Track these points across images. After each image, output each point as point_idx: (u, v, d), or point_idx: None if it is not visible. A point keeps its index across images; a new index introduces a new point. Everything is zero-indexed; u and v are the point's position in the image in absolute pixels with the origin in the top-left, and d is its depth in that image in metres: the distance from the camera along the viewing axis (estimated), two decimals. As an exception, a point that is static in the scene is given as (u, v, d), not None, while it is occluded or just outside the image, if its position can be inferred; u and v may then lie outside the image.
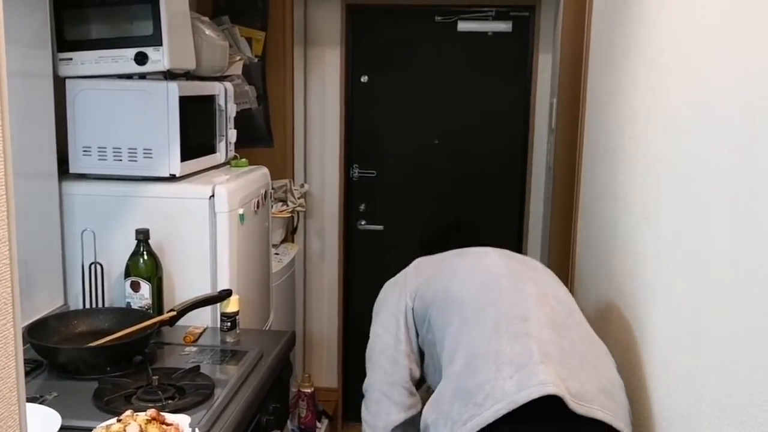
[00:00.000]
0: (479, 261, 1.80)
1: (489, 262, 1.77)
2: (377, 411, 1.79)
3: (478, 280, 1.70)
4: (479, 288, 1.67)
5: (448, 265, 1.83)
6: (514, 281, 1.67)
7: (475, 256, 1.83)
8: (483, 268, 1.75)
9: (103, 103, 2.12)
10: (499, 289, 1.64)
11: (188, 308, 1.97)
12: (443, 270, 1.82)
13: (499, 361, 1.45)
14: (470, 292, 1.67)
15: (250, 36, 3.30)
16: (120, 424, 1.38)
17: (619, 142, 1.95)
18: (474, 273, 1.74)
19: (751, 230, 1.06)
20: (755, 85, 1.08)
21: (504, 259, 1.79)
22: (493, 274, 1.71)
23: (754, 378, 1.03)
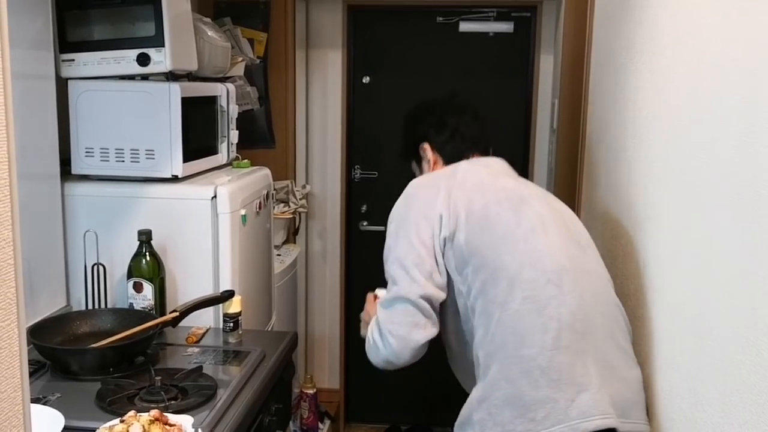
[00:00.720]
0: (536, 238, 1.61)
1: (548, 246, 1.60)
2: (410, 323, 1.60)
3: (537, 272, 1.56)
4: (539, 281, 1.55)
5: (500, 222, 1.62)
6: (575, 280, 1.57)
7: (532, 229, 1.62)
8: (543, 251, 1.59)
9: (105, 104, 2.12)
10: (560, 288, 1.54)
11: (191, 309, 1.97)
12: (493, 226, 1.62)
13: (561, 381, 1.47)
14: (527, 283, 1.55)
15: (252, 37, 3.30)
16: (123, 424, 1.38)
17: (621, 142, 1.95)
18: (532, 255, 1.58)
19: (754, 230, 1.06)
20: (757, 85, 1.08)
21: (560, 238, 1.63)
22: (555, 266, 1.56)
23: (756, 377, 1.03)
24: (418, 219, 1.67)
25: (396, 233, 1.70)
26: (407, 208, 1.73)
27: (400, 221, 1.71)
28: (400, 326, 1.60)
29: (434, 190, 1.71)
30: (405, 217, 1.71)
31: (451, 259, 1.63)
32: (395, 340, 1.61)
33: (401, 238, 1.67)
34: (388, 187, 3.81)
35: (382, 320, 1.64)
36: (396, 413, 3.90)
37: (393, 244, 1.69)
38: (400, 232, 1.68)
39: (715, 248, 1.22)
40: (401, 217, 1.72)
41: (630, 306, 1.77)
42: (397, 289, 1.63)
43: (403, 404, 3.93)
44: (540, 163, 3.65)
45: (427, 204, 1.68)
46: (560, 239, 1.62)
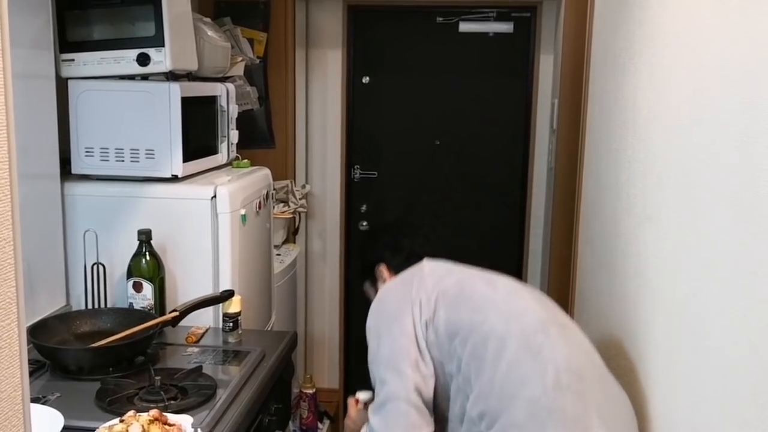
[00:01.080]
0: (515, 300, 1.69)
1: (527, 305, 1.67)
2: (405, 425, 1.59)
3: (524, 324, 1.60)
4: (527, 331, 1.59)
5: (477, 291, 1.70)
6: (559, 330, 1.62)
7: (508, 292, 1.72)
8: (524, 308, 1.65)
9: (105, 104, 2.12)
10: (549, 335, 1.58)
11: (190, 309, 1.97)
12: (472, 296, 1.69)
13: (567, 421, 1.47)
14: (517, 334, 1.58)
15: (252, 37, 3.30)
16: (123, 424, 1.38)
17: (620, 142, 1.95)
18: (515, 312, 1.64)
19: (753, 230, 1.06)
20: (757, 85, 1.08)
21: (535, 301, 1.71)
22: (538, 319, 1.62)
23: (756, 378, 1.03)
24: (396, 312, 1.69)
25: (377, 336, 1.71)
26: (383, 308, 1.75)
27: (379, 324, 1.73)
28: (396, 429, 1.58)
29: (407, 282, 1.75)
30: (383, 317, 1.73)
31: (435, 342, 1.64)
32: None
33: (383, 337, 1.68)
34: (387, 187, 3.81)
35: (377, 427, 1.61)
36: (395, 413, 3.89)
37: (376, 347, 1.70)
38: (381, 333, 1.70)
39: (715, 248, 1.22)
40: (379, 319, 1.74)
41: (630, 306, 1.77)
42: (387, 389, 1.62)
43: (402, 404, 3.93)
44: (540, 163, 3.65)
45: (403, 296, 1.72)
46: (535, 302, 1.69)
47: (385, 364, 1.65)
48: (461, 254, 3.79)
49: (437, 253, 1.97)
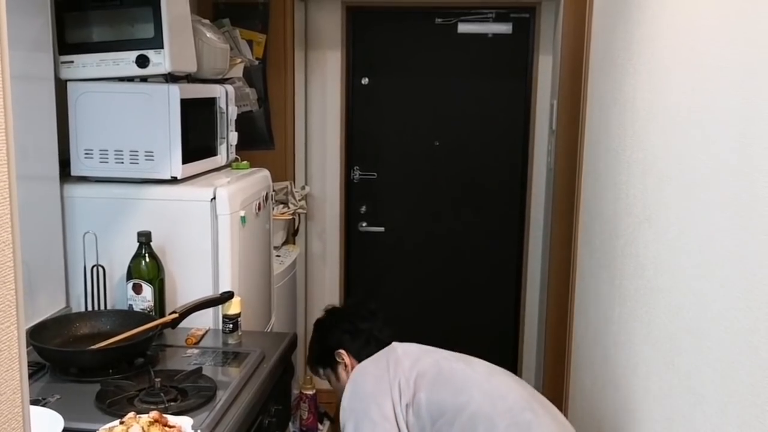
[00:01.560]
0: (495, 378, 1.72)
1: (508, 384, 1.70)
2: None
3: (510, 403, 1.63)
4: (514, 409, 1.61)
5: (456, 371, 1.71)
6: (544, 408, 1.66)
7: (487, 371, 1.74)
8: (506, 387, 1.68)
9: (104, 106, 2.12)
10: (536, 413, 1.61)
11: (190, 310, 1.97)
12: (452, 377, 1.70)
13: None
14: (505, 412, 1.60)
15: (251, 38, 3.31)
16: (123, 426, 1.38)
17: (620, 143, 1.95)
18: (498, 391, 1.66)
19: (752, 230, 1.07)
20: (756, 86, 1.08)
21: (514, 381, 1.74)
22: (522, 397, 1.66)
23: (755, 378, 1.04)
24: (376, 396, 1.68)
25: (355, 419, 1.69)
26: (360, 390, 1.74)
27: (357, 406, 1.71)
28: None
29: (382, 364, 1.75)
30: (360, 400, 1.72)
31: (415, 425, 1.66)
32: None
33: (363, 421, 1.67)
34: (387, 188, 3.82)
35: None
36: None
37: (353, 430, 1.68)
38: (360, 417, 1.68)
39: (714, 249, 1.22)
40: (356, 402, 1.73)
41: (629, 306, 1.77)
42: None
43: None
44: (539, 164, 3.65)
45: (381, 378, 1.71)
46: (513, 381, 1.72)
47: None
48: (460, 255, 3.80)
49: (398, 335, 1.99)
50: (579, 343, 2.51)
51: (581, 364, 2.43)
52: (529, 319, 3.77)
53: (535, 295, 3.73)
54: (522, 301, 3.79)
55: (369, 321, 2.04)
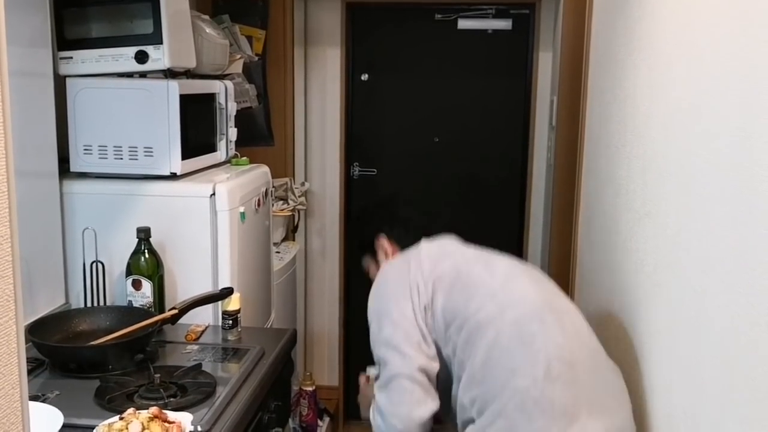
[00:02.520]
0: (512, 285, 1.68)
1: (524, 291, 1.66)
2: (409, 401, 1.61)
3: (519, 313, 1.60)
4: (521, 321, 1.58)
5: (473, 277, 1.70)
6: (556, 317, 1.62)
7: (506, 277, 1.70)
8: (521, 295, 1.64)
9: (103, 102, 2.11)
10: (544, 324, 1.58)
11: (189, 306, 1.97)
12: (468, 283, 1.68)
13: (554, 412, 1.49)
14: (511, 322, 1.58)
15: (251, 34, 3.30)
16: (122, 422, 1.38)
17: (620, 138, 1.95)
18: (511, 300, 1.63)
19: (752, 225, 1.06)
20: (756, 81, 1.08)
21: (534, 284, 1.69)
22: (534, 306, 1.62)
23: (756, 372, 1.03)
24: (396, 296, 1.71)
25: (378, 318, 1.73)
26: (382, 291, 1.77)
27: (379, 306, 1.75)
28: (400, 406, 1.61)
29: (404, 266, 1.77)
30: (382, 300, 1.75)
31: (433, 327, 1.67)
32: (398, 421, 1.61)
33: (384, 319, 1.70)
34: (387, 184, 3.81)
35: (382, 404, 1.65)
36: (395, 410, 3.89)
37: (377, 329, 1.72)
38: (382, 316, 1.72)
39: (714, 244, 1.22)
40: (379, 302, 1.76)
41: (629, 302, 1.77)
42: (390, 368, 1.64)
43: (402, 401, 3.93)
44: (539, 160, 3.65)
45: (401, 280, 1.73)
46: (533, 285, 1.69)
47: (386, 345, 1.67)
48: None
49: (436, 224, 2.02)
50: (579, 339, 2.50)
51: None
52: (528, 315, 3.76)
53: (535, 291, 3.72)
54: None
55: (406, 208, 2.08)
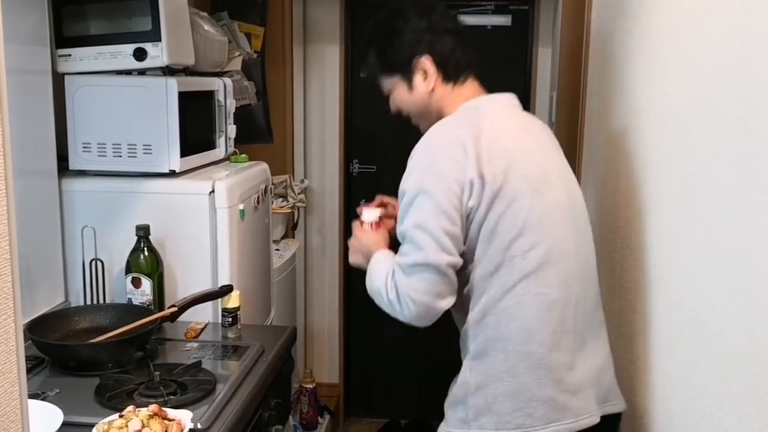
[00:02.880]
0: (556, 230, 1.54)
1: (565, 237, 1.56)
2: (434, 293, 1.48)
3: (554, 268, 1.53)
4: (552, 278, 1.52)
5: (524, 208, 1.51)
6: (583, 252, 1.61)
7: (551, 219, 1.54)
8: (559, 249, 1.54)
9: (102, 99, 2.11)
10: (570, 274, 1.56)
11: (189, 304, 1.97)
12: (517, 212, 1.50)
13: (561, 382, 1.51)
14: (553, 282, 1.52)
15: (249, 32, 3.29)
16: (122, 419, 1.38)
17: (619, 134, 1.95)
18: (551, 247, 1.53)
19: (751, 221, 1.06)
20: (755, 76, 1.07)
21: (573, 230, 1.59)
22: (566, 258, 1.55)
23: (755, 368, 1.03)
24: (448, 181, 1.49)
25: (418, 193, 1.50)
26: (431, 166, 1.52)
27: (424, 182, 1.51)
28: (424, 295, 1.47)
29: (461, 148, 1.51)
30: (429, 176, 1.51)
31: (468, 230, 1.52)
32: (416, 308, 1.48)
33: (426, 200, 1.49)
34: (386, 180, 3.80)
35: (403, 285, 1.49)
36: (395, 408, 3.90)
37: (416, 205, 1.50)
38: (425, 194, 1.49)
39: (714, 240, 1.22)
40: (425, 177, 1.52)
41: (629, 298, 1.77)
42: (423, 255, 1.47)
43: (402, 399, 3.94)
44: (538, 157, 3.64)
45: (456, 165, 1.50)
46: (572, 231, 1.59)
47: (423, 229, 1.47)
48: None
49: None
50: (579, 336, 2.50)
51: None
52: (528, 311, 3.76)
53: (535, 287, 3.72)
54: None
55: (454, 21, 1.80)
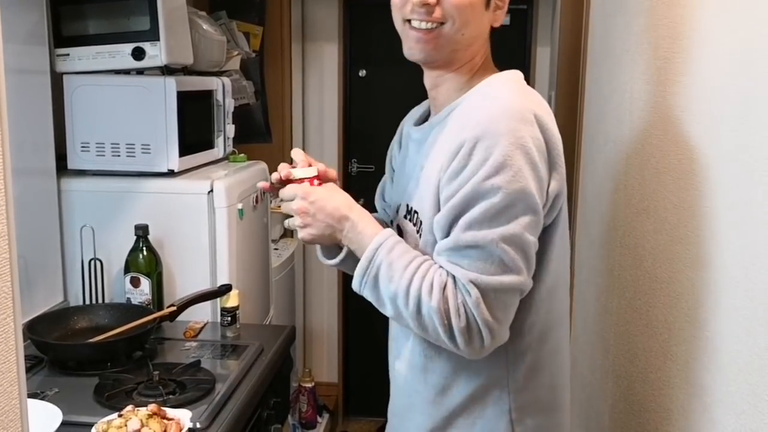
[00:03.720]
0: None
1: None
2: (508, 322, 1.19)
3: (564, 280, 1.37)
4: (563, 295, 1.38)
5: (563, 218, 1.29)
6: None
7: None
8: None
9: (100, 99, 2.11)
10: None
11: (188, 303, 1.97)
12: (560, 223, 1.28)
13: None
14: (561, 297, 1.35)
15: (248, 31, 3.29)
16: (121, 419, 1.38)
17: (618, 134, 1.95)
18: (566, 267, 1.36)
19: (750, 219, 1.06)
20: (755, 75, 1.08)
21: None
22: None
23: (753, 366, 1.04)
24: (534, 183, 1.17)
25: (520, 196, 1.15)
26: (530, 156, 1.17)
27: (525, 179, 1.15)
28: (503, 324, 1.17)
29: (538, 141, 1.20)
30: (531, 174, 1.17)
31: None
32: (493, 341, 1.17)
33: (527, 208, 1.16)
34: (385, 180, 3.81)
35: (483, 311, 1.14)
36: (394, 406, 3.90)
37: (513, 213, 1.15)
38: (525, 203, 1.16)
39: (712, 238, 1.22)
40: (525, 170, 1.16)
41: (627, 297, 1.77)
42: (515, 279, 1.15)
43: (401, 397, 3.93)
44: (537, 156, 3.64)
45: (539, 163, 1.19)
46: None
47: (515, 244, 1.14)
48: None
49: None
50: (578, 334, 2.51)
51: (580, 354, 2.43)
52: (527, 310, 3.76)
53: (534, 286, 3.73)
54: (520, 293, 3.79)
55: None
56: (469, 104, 1.25)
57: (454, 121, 1.25)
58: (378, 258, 1.21)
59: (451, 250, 1.16)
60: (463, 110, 1.25)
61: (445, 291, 1.15)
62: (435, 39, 1.29)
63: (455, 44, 1.29)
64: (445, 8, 1.25)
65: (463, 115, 1.24)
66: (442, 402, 1.31)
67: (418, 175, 1.31)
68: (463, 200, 1.15)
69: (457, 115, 1.25)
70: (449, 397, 1.30)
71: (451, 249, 1.16)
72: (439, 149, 1.24)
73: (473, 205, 1.14)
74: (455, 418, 1.31)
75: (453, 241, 1.16)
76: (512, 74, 1.35)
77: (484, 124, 1.16)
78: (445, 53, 1.30)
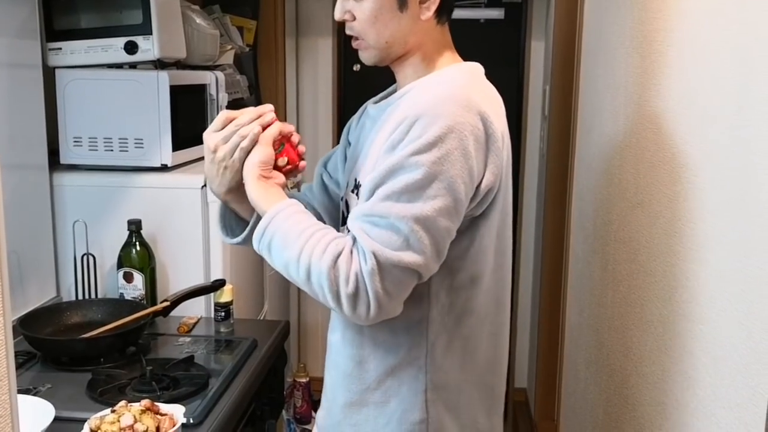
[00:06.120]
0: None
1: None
2: (401, 299, 1.20)
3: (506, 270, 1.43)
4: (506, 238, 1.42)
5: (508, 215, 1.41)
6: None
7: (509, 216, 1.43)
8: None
9: (93, 93, 2.10)
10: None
11: (182, 298, 1.96)
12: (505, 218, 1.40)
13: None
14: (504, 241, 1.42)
15: (241, 25, 3.27)
16: (114, 414, 1.37)
17: (612, 127, 1.95)
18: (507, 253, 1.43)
19: (745, 213, 1.06)
20: (749, 69, 1.07)
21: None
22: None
23: (748, 360, 1.04)
24: (462, 171, 1.19)
25: (437, 177, 1.16)
26: (463, 142, 1.19)
27: (451, 164, 1.17)
28: (394, 300, 1.18)
29: (477, 130, 1.22)
30: (460, 161, 1.18)
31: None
32: (379, 313, 1.17)
33: (446, 191, 1.17)
34: (379, 175, 3.80)
35: (375, 283, 1.15)
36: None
37: (429, 194, 1.17)
38: (446, 187, 1.17)
39: (707, 232, 1.22)
40: (454, 153, 1.18)
41: (622, 291, 1.77)
42: (415, 259, 1.16)
43: (396, 392, 3.93)
44: (532, 150, 3.64)
45: (473, 152, 1.20)
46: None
47: (424, 226, 1.16)
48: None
49: None
50: (572, 328, 2.51)
51: (575, 348, 2.43)
52: (522, 304, 3.77)
53: (528, 280, 3.73)
54: (515, 286, 3.80)
55: None
56: (421, 86, 1.31)
57: (405, 101, 1.30)
58: (273, 226, 1.24)
59: (365, 216, 1.19)
60: (415, 92, 1.31)
61: (339, 258, 1.17)
62: (365, 47, 1.37)
63: (383, 47, 1.36)
64: (355, 25, 1.33)
65: (414, 95, 1.29)
66: (360, 376, 1.35)
67: (367, 150, 1.36)
68: (388, 171, 1.18)
69: (410, 96, 1.31)
70: (366, 371, 1.34)
71: (365, 215, 1.19)
72: (388, 127, 1.28)
73: (394, 177, 1.18)
74: (371, 393, 1.34)
75: (368, 207, 1.19)
76: (471, 66, 1.41)
77: (428, 104, 1.21)
78: (381, 54, 1.37)
